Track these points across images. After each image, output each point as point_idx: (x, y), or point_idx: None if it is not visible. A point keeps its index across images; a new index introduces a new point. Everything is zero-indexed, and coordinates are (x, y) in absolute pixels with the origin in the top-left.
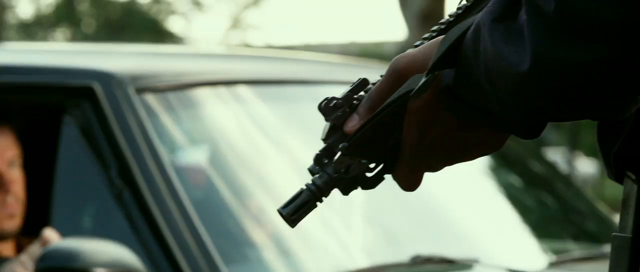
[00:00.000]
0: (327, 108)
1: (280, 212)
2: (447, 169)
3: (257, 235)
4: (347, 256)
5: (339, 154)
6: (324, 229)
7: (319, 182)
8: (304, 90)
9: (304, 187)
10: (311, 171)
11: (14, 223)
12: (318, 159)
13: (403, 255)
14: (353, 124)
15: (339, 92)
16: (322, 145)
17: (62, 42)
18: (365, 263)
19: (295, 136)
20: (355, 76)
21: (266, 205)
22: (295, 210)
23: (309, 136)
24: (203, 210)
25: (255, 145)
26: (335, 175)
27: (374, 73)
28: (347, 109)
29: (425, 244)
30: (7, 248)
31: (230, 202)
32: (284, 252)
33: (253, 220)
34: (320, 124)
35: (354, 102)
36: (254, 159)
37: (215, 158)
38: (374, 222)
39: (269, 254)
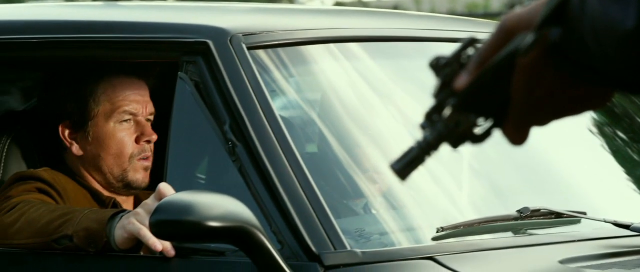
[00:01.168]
0: (437, 65)
1: (391, 167)
2: (554, 123)
3: (367, 189)
4: (455, 209)
5: (448, 109)
6: (432, 183)
7: (429, 137)
8: (413, 48)
9: (415, 142)
10: (422, 126)
11: (146, 177)
12: (428, 115)
13: (510, 208)
14: (462, 80)
15: (448, 49)
16: (431, 101)
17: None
18: (473, 216)
19: (405, 92)
20: (463, 34)
21: (376, 160)
22: (406, 165)
23: (418, 92)
24: (314, 165)
25: (366, 101)
26: (445, 130)
27: (482, 31)
28: (457, 66)
29: (532, 197)
30: (127, 202)
31: (342, 157)
32: (394, 206)
33: (363, 174)
34: (430, 81)
35: (463, 59)
36: (364, 114)
37: (326, 114)
38: (481, 176)
39: (379, 207)
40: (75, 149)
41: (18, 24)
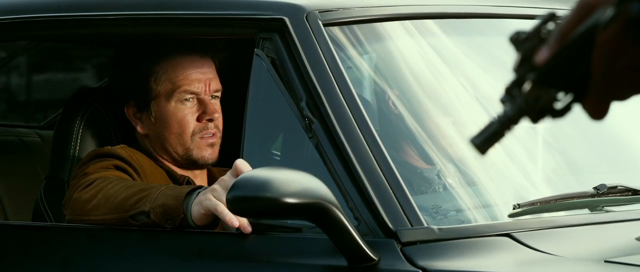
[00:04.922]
0: (518, 40)
1: (471, 141)
2: (634, 98)
3: (442, 165)
4: (530, 185)
5: (528, 84)
6: (509, 159)
7: (509, 112)
8: (489, 24)
9: (495, 117)
10: (502, 101)
11: (213, 153)
12: (508, 89)
13: (587, 185)
14: (543, 55)
15: (526, 25)
16: (510, 77)
17: None
18: (550, 193)
19: (482, 68)
20: (539, 10)
21: (452, 136)
22: (486, 139)
23: (493, 69)
24: (390, 141)
25: (443, 77)
26: (525, 105)
27: (562, 6)
28: (537, 41)
29: (610, 174)
30: (201, 179)
31: (418, 134)
32: (470, 182)
33: (439, 151)
34: (505, 58)
35: (543, 34)
36: (441, 91)
37: (403, 91)
38: (557, 152)
39: (454, 183)
40: (141, 128)
41: (95, 0)
